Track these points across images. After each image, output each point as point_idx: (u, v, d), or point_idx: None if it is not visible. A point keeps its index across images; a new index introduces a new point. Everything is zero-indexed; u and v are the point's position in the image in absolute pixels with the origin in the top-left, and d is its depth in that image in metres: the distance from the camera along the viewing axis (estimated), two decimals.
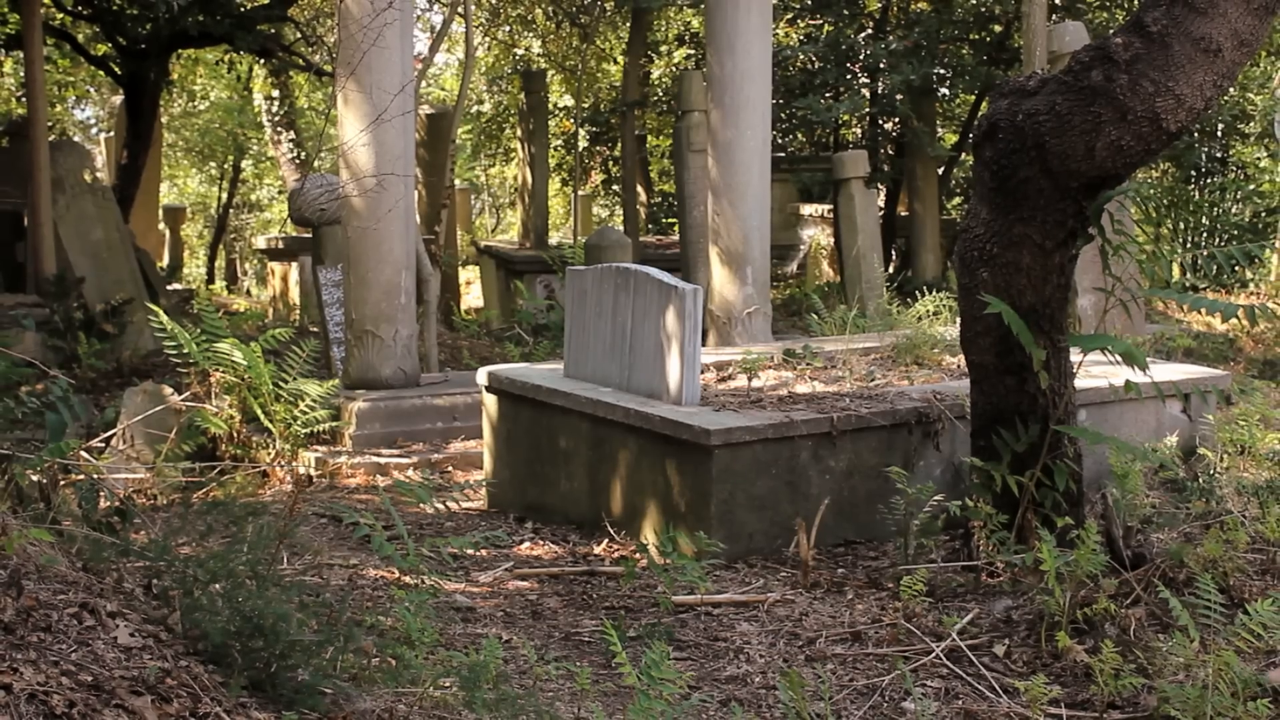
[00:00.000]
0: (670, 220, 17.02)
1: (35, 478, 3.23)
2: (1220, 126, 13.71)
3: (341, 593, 3.61)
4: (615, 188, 19.10)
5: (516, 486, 5.62)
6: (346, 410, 6.81)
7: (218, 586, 2.81)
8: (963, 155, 14.79)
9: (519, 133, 16.07)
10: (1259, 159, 14.34)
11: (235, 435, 6.66)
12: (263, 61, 14.43)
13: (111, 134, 15.71)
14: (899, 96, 12.92)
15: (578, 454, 5.24)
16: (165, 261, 16.01)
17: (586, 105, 18.14)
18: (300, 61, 13.52)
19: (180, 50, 13.36)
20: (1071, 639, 3.46)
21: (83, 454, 3.71)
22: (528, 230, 15.04)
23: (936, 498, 4.37)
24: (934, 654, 3.59)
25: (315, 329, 9.28)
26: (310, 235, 9.07)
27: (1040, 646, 3.59)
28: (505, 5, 17.07)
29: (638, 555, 4.59)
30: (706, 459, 4.54)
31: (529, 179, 14.99)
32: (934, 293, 7.39)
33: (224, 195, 21.17)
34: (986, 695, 3.37)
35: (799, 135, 16.29)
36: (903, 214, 14.56)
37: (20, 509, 3.09)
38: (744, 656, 3.72)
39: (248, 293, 18.22)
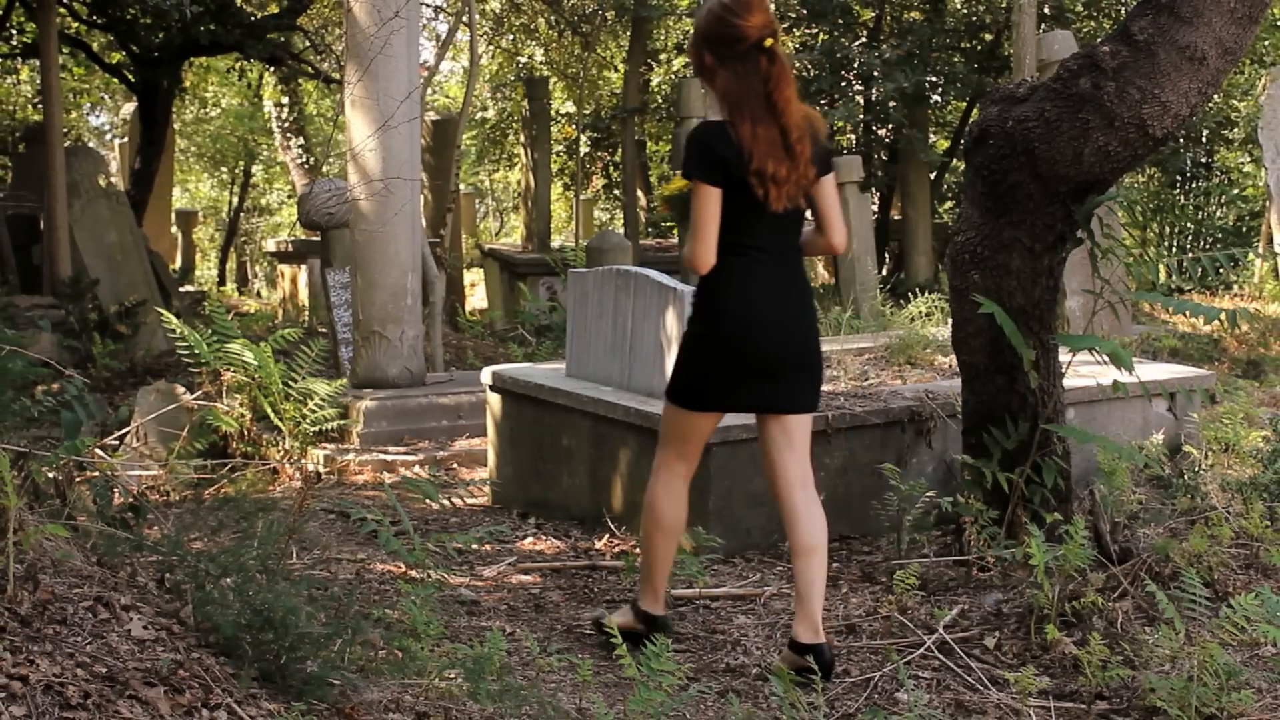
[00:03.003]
0: (669, 224, 17.06)
1: (51, 475, 3.26)
2: (1205, 133, 13.74)
3: (349, 587, 3.65)
4: (616, 192, 19.16)
5: (520, 483, 5.70)
6: (354, 409, 6.89)
7: (229, 580, 2.84)
8: (954, 161, 14.82)
9: (522, 139, 16.15)
10: (1243, 164, 14.39)
11: (246, 433, 6.73)
12: (272, 69, 14.53)
13: (125, 140, 15.79)
14: (892, 103, 12.97)
15: (579, 451, 5.32)
16: (178, 264, 16.09)
17: (588, 112, 18.19)
18: (309, 69, 13.60)
19: (192, 58, 13.44)
20: (1060, 631, 3.51)
21: (97, 451, 3.78)
22: (530, 233, 15.11)
23: (929, 494, 4.42)
24: (926, 646, 3.64)
25: (323, 330, 9.36)
26: (319, 238, 9.18)
27: (1029, 639, 3.63)
28: (509, 14, 17.15)
29: (638, 550, 4.66)
30: (705, 456, 4.59)
31: (532, 184, 15.06)
32: (926, 294, 7.46)
33: (235, 200, 21.26)
34: (977, 687, 3.42)
35: None
36: (896, 218, 14.60)
37: (37, 505, 3.10)
38: (741, 649, 3.78)
39: (258, 294, 18.27)
